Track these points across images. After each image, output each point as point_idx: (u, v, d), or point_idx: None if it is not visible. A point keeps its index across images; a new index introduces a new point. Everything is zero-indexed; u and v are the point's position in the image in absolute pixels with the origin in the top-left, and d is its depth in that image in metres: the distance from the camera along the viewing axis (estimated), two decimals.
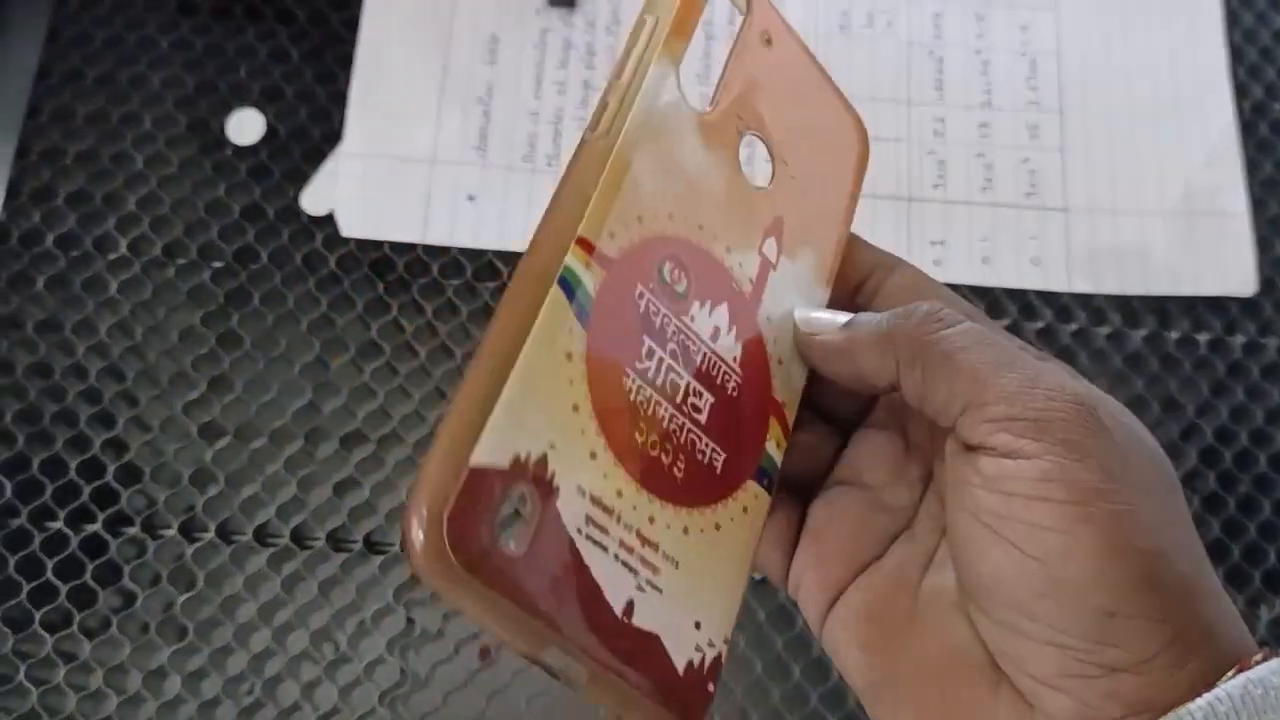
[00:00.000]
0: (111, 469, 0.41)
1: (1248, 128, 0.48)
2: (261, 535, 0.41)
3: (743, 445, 0.27)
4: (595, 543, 0.24)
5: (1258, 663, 0.23)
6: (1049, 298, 0.45)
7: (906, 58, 0.48)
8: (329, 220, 0.45)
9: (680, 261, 0.27)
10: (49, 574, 0.40)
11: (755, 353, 0.28)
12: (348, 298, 0.44)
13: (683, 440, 0.26)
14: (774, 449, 0.28)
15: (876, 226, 0.45)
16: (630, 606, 0.25)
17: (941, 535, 0.28)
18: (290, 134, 0.46)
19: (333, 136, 0.46)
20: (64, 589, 0.40)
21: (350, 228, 0.45)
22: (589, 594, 0.24)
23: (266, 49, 0.48)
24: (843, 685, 0.33)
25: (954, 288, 0.43)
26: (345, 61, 0.47)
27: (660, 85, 0.28)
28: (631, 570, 0.25)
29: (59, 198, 0.45)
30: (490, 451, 0.22)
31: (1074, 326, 0.45)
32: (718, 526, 0.27)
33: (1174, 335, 0.45)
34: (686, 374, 0.27)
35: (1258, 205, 0.46)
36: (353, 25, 0.48)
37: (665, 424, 0.26)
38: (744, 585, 0.27)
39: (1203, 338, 0.45)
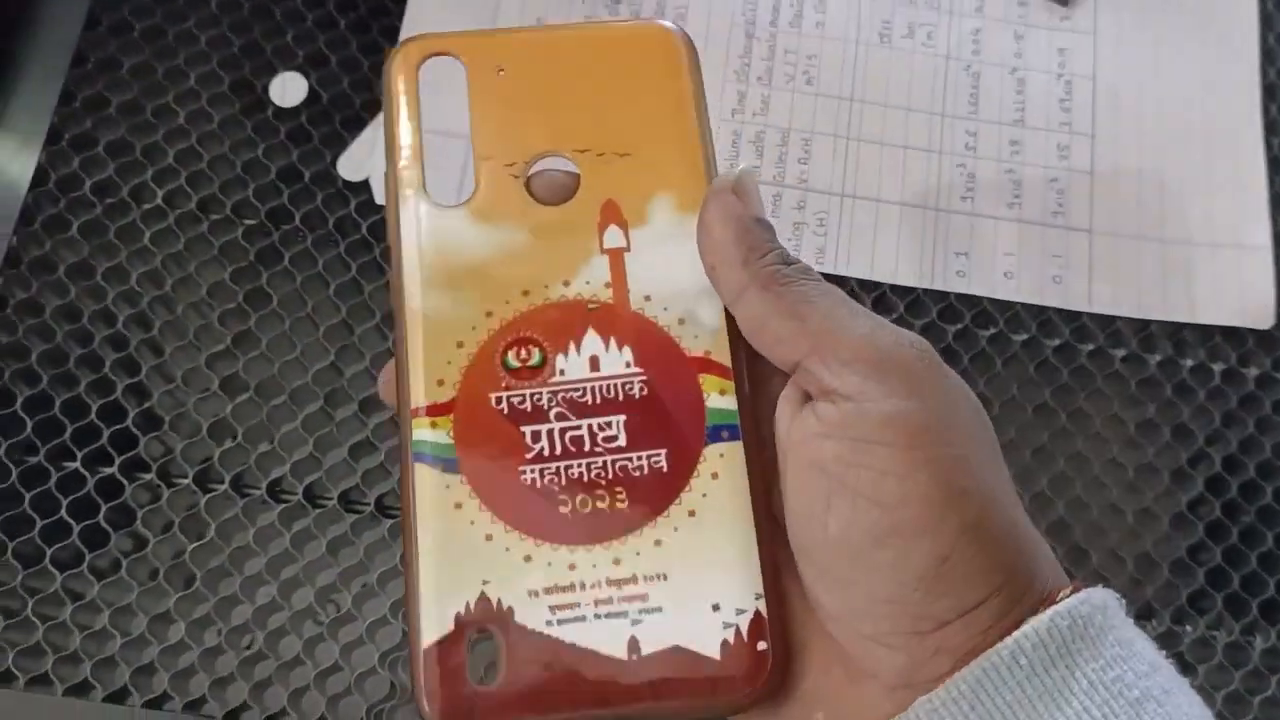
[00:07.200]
0: (132, 414, 0.42)
1: (1276, 163, 0.48)
2: (274, 491, 0.41)
3: (678, 427, 0.28)
4: (570, 620, 0.26)
5: (1065, 597, 0.24)
6: (1068, 316, 0.45)
7: (944, 71, 0.48)
8: (364, 187, 0.46)
9: (521, 339, 0.28)
10: (63, 512, 0.40)
11: (649, 338, 0.28)
12: (377, 265, 0.45)
13: (611, 475, 0.27)
14: (719, 399, 0.28)
15: (903, 234, 0.46)
16: (634, 642, 0.26)
17: None
18: (332, 100, 0.47)
19: (373, 105, 0.47)
20: (76, 528, 0.40)
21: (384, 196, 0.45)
22: (585, 661, 0.26)
23: (314, 16, 0.48)
24: None
25: (976, 300, 0.44)
26: (391, 33, 0.48)
27: (422, 217, 0.29)
28: (620, 615, 0.26)
29: (99, 146, 0.46)
30: (432, 628, 0.25)
31: (1091, 346, 0.45)
32: (692, 513, 0.27)
33: (1189, 363, 0.45)
34: (583, 420, 0.27)
35: None
36: None
37: (585, 477, 0.27)
38: (753, 534, 0.27)
39: (1218, 367, 0.45)
